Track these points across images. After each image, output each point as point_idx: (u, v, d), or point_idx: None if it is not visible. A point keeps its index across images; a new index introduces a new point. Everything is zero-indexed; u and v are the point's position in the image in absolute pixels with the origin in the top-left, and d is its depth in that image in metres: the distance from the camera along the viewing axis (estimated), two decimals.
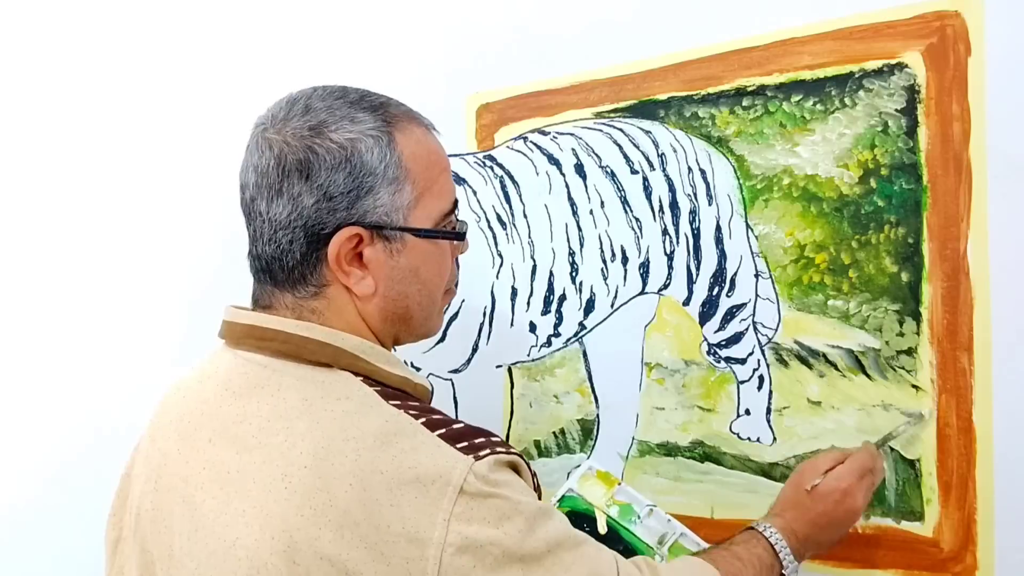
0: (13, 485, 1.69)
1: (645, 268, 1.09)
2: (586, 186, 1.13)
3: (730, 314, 1.04)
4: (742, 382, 1.03)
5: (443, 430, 0.70)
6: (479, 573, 0.65)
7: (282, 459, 0.69)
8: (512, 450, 0.73)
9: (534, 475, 0.77)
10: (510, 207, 1.18)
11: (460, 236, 0.83)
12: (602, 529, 0.97)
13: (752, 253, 1.02)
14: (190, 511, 0.74)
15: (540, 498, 0.76)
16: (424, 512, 0.65)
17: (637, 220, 1.09)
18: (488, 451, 0.70)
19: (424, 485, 0.66)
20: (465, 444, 0.70)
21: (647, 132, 1.09)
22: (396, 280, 0.78)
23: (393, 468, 0.67)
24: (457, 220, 0.84)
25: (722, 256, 1.04)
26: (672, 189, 1.07)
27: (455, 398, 1.23)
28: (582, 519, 0.98)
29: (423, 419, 0.71)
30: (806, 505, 0.87)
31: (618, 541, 0.95)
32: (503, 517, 0.67)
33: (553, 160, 1.15)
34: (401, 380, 0.77)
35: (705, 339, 1.06)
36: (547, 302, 1.16)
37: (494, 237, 1.19)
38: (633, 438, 1.10)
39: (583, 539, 0.73)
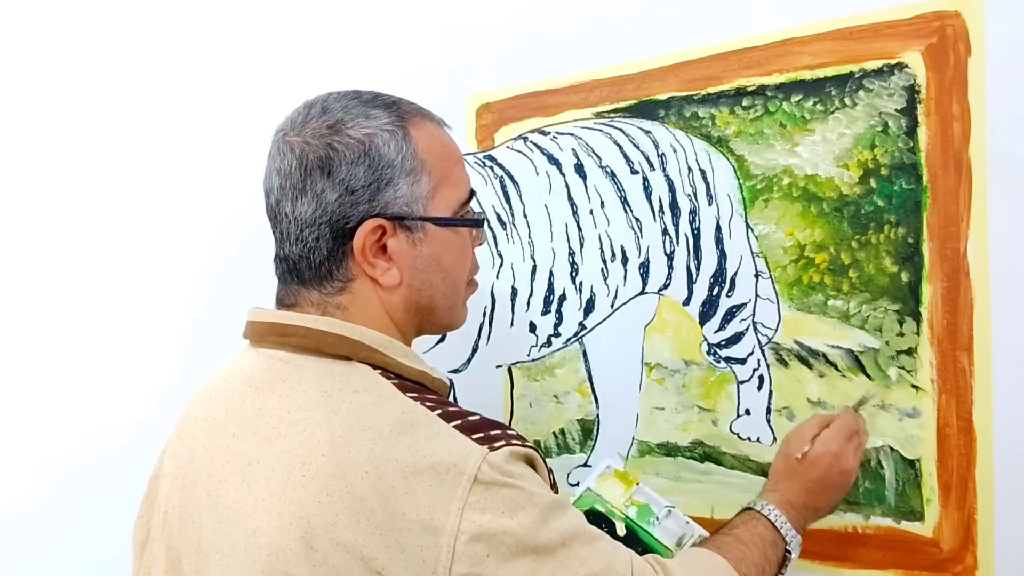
0: (23, 490, 1.69)
1: (645, 268, 1.09)
2: (586, 186, 1.13)
3: (730, 314, 1.04)
4: (742, 382, 1.03)
5: (459, 421, 0.71)
6: (492, 562, 0.66)
7: (300, 448, 0.71)
8: (527, 443, 0.74)
9: (550, 471, 0.77)
10: (510, 207, 1.18)
11: (479, 223, 0.86)
12: (621, 532, 0.97)
13: (752, 253, 1.02)
14: (214, 504, 0.75)
15: (556, 493, 0.77)
16: (438, 500, 0.66)
17: (637, 220, 1.09)
18: (503, 443, 0.70)
19: (439, 474, 0.67)
20: (481, 435, 0.70)
21: (647, 132, 1.09)
22: (420, 269, 0.80)
23: (408, 457, 0.68)
24: (474, 211, 0.87)
25: (722, 256, 1.04)
26: (672, 189, 1.07)
27: (455, 398, 1.23)
28: (600, 520, 0.98)
29: (439, 411, 0.72)
30: (799, 473, 0.88)
31: (637, 543, 0.95)
32: (517, 507, 0.68)
33: (553, 160, 1.15)
34: (419, 373, 0.79)
35: (705, 339, 1.06)
36: (547, 302, 1.16)
37: (494, 237, 1.19)
38: (633, 438, 1.10)
39: (598, 535, 0.74)
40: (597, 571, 0.69)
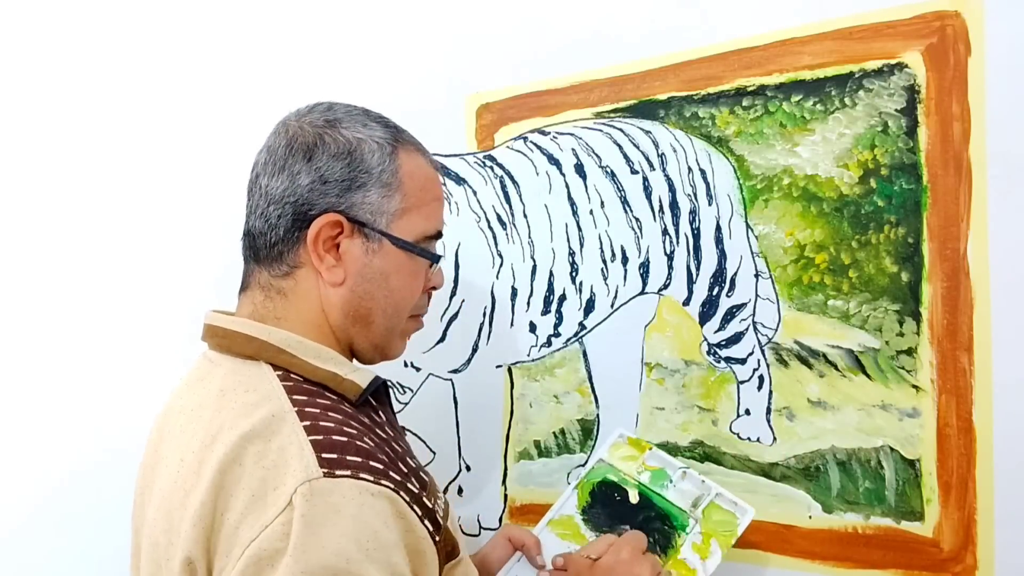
0: (23, 491, 1.69)
1: (645, 268, 1.09)
2: (586, 186, 1.13)
3: (730, 314, 1.04)
4: (742, 382, 1.03)
5: (321, 437, 0.70)
6: None
7: (185, 445, 0.75)
8: (387, 484, 0.69)
9: (423, 517, 0.72)
10: (510, 207, 1.18)
11: (435, 257, 0.86)
12: (634, 499, 0.97)
13: (752, 253, 1.02)
14: (149, 499, 0.80)
15: (437, 536, 0.73)
16: (253, 512, 0.67)
17: (637, 220, 1.09)
18: (349, 472, 0.67)
19: (265, 486, 0.68)
20: (333, 457, 0.68)
21: (647, 132, 1.09)
22: (365, 278, 0.81)
23: (251, 463, 0.69)
24: (435, 251, 0.86)
25: (722, 256, 1.04)
26: (672, 189, 1.07)
27: (455, 398, 1.23)
28: (613, 490, 0.98)
29: (309, 421, 0.71)
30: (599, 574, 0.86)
31: (650, 508, 0.95)
32: (296, 547, 0.64)
33: (553, 160, 1.15)
34: (327, 375, 0.78)
35: (705, 339, 1.06)
36: (547, 302, 1.16)
37: (494, 237, 1.19)
38: None
39: None
40: None
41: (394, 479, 0.70)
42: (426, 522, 0.72)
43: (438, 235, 0.86)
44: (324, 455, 0.68)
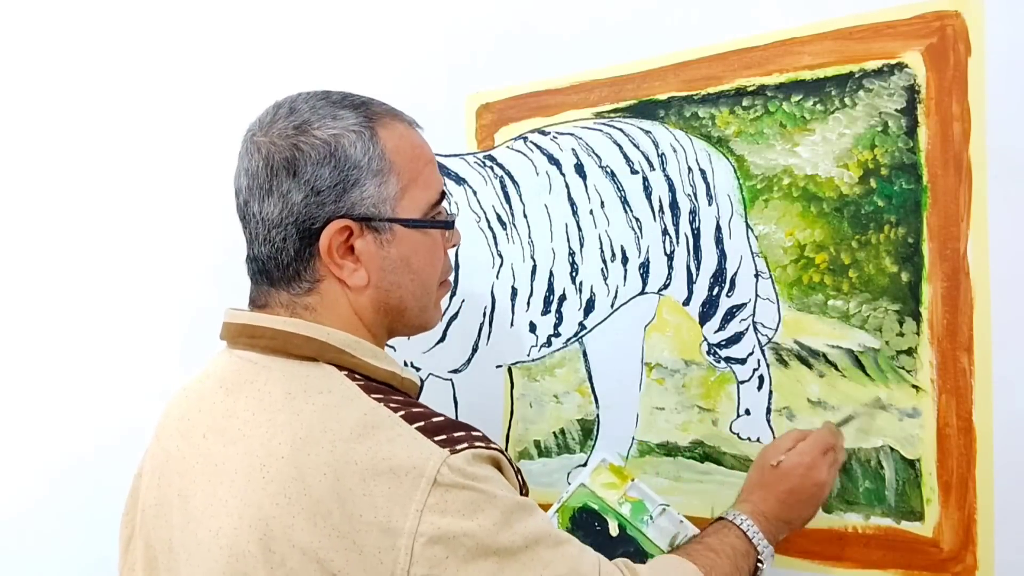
0: (19, 488, 1.69)
1: (645, 268, 1.09)
2: (586, 186, 1.13)
3: (730, 314, 1.04)
4: (742, 382, 1.03)
5: (422, 423, 0.71)
6: (452, 564, 0.66)
7: (262, 449, 0.71)
8: (492, 446, 0.73)
9: (518, 472, 0.77)
10: (510, 207, 1.18)
11: (448, 225, 0.85)
12: (613, 531, 0.96)
13: (752, 253, 1.02)
14: (184, 504, 0.76)
15: (526, 495, 0.76)
16: (397, 502, 0.66)
17: (637, 220, 1.09)
18: (466, 445, 0.70)
19: (398, 476, 0.67)
20: (443, 437, 0.70)
21: (647, 132, 1.09)
22: (388, 271, 0.79)
23: (368, 459, 0.68)
24: (447, 212, 0.86)
25: (722, 256, 1.04)
26: (672, 189, 1.07)
27: (455, 398, 1.23)
28: (593, 518, 0.98)
29: (402, 412, 0.72)
30: (772, 483, 0.88)
31: (630, 543, 0.95)
32: (477, 509, 0.67)
33: (553, 160, 1.15)
34: (387, 374, 0.78)
35: (705, 339, 1.06)
36: (547, 302, 1.16)
37: (494, 237, 1.19)
38: (633, 438, 1.10)
39: (565, 538, 0.73)
40: (562, 574, 0.69)
41: (493, 445, 0.74)
42: (520, 475, 0.77)
43: (443, 196, 0.84)
44: (436, 437, 0.69)
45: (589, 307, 1.13)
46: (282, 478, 0.69)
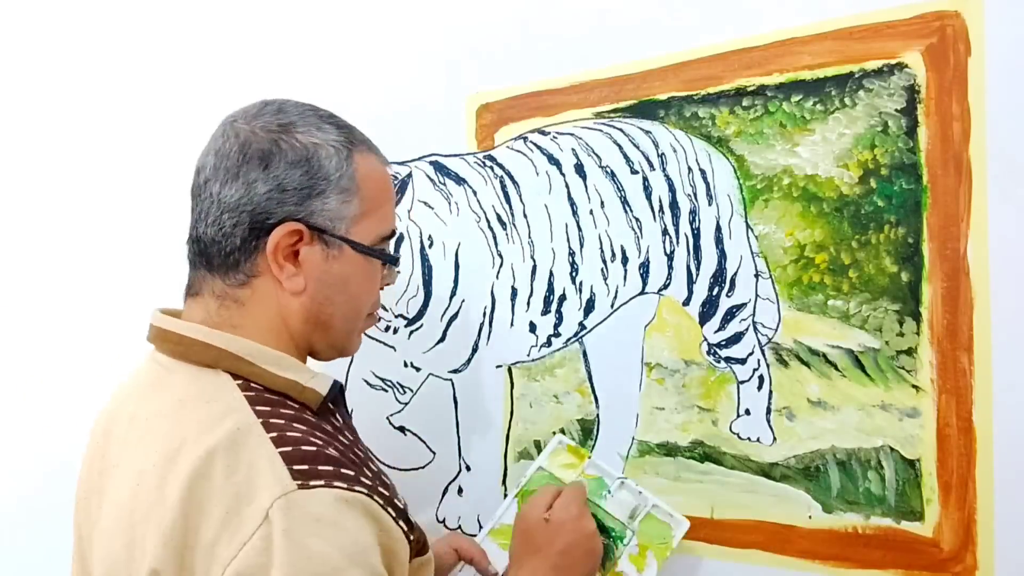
0: (14, 485, 1.69)
1: (645, 268, 1.09)
2: (586, 186, 1.13)
3: (730, 314, 1.04)
4: (742, 382, 1.03)
5: (289, 448, 0.69)
6: None
7: (143, 456, 0.72)
8: (358, 489, 0.69)
9: (402, 517, 0.74)
10: (510, 207, 1.18)
11: (394, 260, 0.87)
12: None
13: (752, 253, 1.02)
14: (98, 500, 0.78)
15: (412, 535, 0.74)
16: (227, 528, 0.65)
17: (637, 220, 1.09)
18: (323, 482, 0.67)
19: (239, 502, 0.66)
20: (303, 468, 0.68)
21: (647, 132, 1.09)
22: (325, 284, 0.80)
23: (221, 479, 0.67)
24: (391, 251, 0.87)
25: (722, 256, 1.04)
26: (672, 189, 1.07)
27: (455, 398, 1.23)
28: None
29: (275, 433, 0.70)
30: (544, 545, 0.88)
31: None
32: (286, 560, 0.63)
33: (553, 160, 1.15)
34: (287, 384, 0.77)
35: (705, 339, 1.06)
36: (547, 302, 1.16)
37: (494, 237, 1.19)
38: (633, 438, 1.10)
39: None
40: None
41: (365, 484, 0.71)
42: (400, 522, 0.73)
43: (392, 234, 0.86)
44: (295, 467, 0.68)
45: (589, 307, 1.13)
46: (149, 487, 0.70)
